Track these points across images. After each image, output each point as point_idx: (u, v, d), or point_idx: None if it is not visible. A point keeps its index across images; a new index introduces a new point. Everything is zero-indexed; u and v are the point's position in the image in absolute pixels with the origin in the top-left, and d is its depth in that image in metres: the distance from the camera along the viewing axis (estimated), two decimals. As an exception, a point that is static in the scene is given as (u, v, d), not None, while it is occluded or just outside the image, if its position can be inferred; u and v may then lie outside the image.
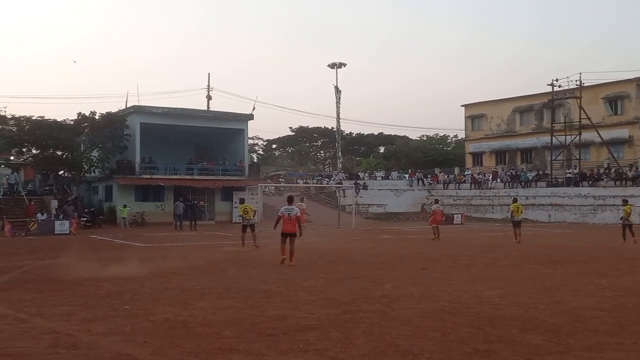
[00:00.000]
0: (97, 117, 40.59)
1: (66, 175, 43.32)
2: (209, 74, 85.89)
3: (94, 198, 43.73)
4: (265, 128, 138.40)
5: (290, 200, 15.91)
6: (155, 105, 42.57)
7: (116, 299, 10.19)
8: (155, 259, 17.31)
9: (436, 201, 28.91)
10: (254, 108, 46.60)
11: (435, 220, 25.58)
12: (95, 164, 40.40)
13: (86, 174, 41.23)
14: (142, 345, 7.02)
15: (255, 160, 77.16)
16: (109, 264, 16.17)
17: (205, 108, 54.22)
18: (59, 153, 40.48)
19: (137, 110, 41.26)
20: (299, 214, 15.33)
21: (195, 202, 38.20)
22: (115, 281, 12.45)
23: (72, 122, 40.68)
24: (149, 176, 40.80)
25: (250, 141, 66.59)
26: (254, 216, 21.54)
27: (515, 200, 25.40)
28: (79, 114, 40.58)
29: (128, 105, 42.83)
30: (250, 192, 40.82)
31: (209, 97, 58.56)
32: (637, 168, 44.70)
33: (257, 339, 7.30)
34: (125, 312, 9.03)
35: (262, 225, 36.14)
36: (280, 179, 59.47)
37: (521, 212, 24.54)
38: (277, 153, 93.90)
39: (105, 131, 40.39)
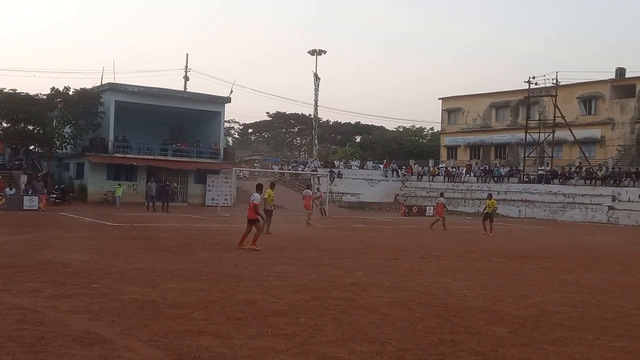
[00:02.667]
0: (71, 92, 39.94)
1: (37, 150, 42.60)
2: (187, 54, 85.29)
3: (64, 175, 43.08)
4: (242, 112, 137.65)
5: (257, 187, 16.66)
6: (132, 83, 41.97)
7: (85, 278, 10.09)
8: (126, 239, 17.16)
9: (441, 194, 30.13)
10: (231, 91, 46.37)
11: (438, 213, 27.65)
12: (67, 140, 39.76)
13: (57, 150, 40.58)
14: (109, 324, 6.97)
15: (231, 144, 76.74)
16: (78, 242, 16.00)
17: (182, 89, 53.67)
18: (30, 127, 39.77)
19: (113, 87, 40.66)
20: (255, 202, 15.53)
21: (168, 183, 37.87)
22: (84, 259, 12.33)
23: (45, 97, 39.97)
24: (122, 155, 40.32)
25: (226, 124, 66.26)
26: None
27: (490, 197, 25.89)
28: (53, 88, 39.91)
29: (103, 83, 42.19)
30: (225, 176, 40.62)
31: (186, 78, 58.04)
32: (607, 168, 45.52)
33: (226, 322, 7.30)
34: (94, 291, 8.95)
35: (235, 209, 36.10)
36: (255, 164, 59.26)
37: (493, 208, 25.08)
38: (253, 138, 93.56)
39: (78, 107, 39.72)
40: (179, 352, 5.95)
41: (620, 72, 53.81)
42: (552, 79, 50.24)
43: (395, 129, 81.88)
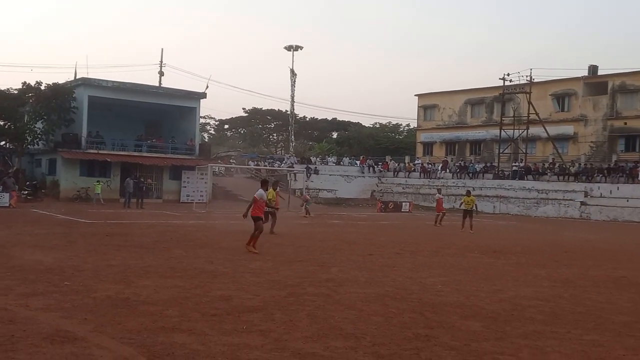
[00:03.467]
0: (43, 87, 39.28)
1: (8, 146, 41.81)
2: (162, 49, 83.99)
3: (36, 171, 42.41)
4: (218, 108, 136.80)
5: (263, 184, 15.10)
6: (105, 78, 41.43)
7: (56, 275, 9.94)
8: (99, 236, 16.95)
9: (439, 191, 31.23)
10: (207, 87, 46.06)
11: (439, 208, 28.29)
12: (39, 135, 39.11)
13: (29, 146, 39.90)
14: (82, 322, 6.88)
15: (207, 140, 76.24)
16: (50, 239, 15.77)
17: (157, 84, 53.14)
18: (1, 123, 39.02)
19: (86, 82, 40.09)
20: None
21: (143, 179, 37.49)
22: (56, 257, 12.15)
23: (16, 92, 39.24)
24: (95, 151, 39.79)
25: (202, 120, 65.78)
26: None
27: (468, 193, 25.83)
28: (24, 83, 39.19)
29: (76, 77, 41.57)
30: (200, 172, 40.36)
31: (161, 73, 57.39)
32: (580, 164, 46.22)
33: (200, 318, 7.25)
34: (66, 288, 8.82)
35: (210, 206, 35.93)
36: (231, 160, 58.97)
37: (472, 205, 24.86)
38: (229, 133, 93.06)
39: (51, 102, 39.07)
40: (153, 349, 5.89)
41: (593, 69, 54.64)
42: (526, 76, 50.87)
43: (371, 126, 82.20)
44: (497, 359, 5.98)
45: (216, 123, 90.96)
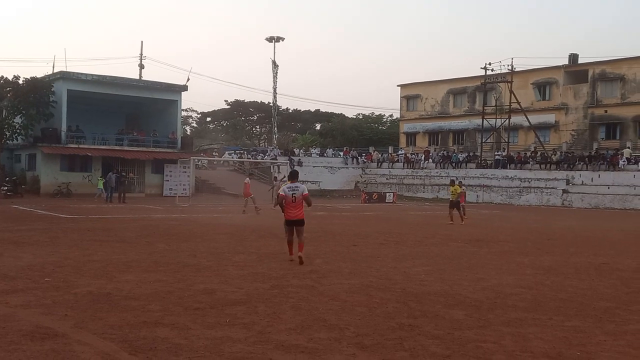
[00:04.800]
0: (20, 81, 38.71)
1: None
2: (142, 41, 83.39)
3: (16, 166, 41.88)
4: (200, 100, 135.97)
5: (293, 176, 11.70)
6: (84, 72, 40.95)
7: (37, 271, 9.82)
8: (81, 231, 16.79)
9: (460, 183, 29.68)
10: (188, 79, 45.72)
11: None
12: (17, 131, 38.56)
13: (8, 141, 39.34)
14: (62, 318, 6.80)
15: (189, 133, 75.80)
16: (30, 235, 15.59)
17: (138, 77, 52.65)
18: (-21, 118, 38.47)
19: (65, 76, 39.61)
20: (305, 193, 11.32)
21: (124, 174, 37.18)
22: (36, 253, 12.01)
23: (-7, 86, 38.67)
24: (75, 145, 39.39)
25: (183, 113, 65.36)
26: None
27: (452, 183, 24.87)
28: (1, 77, 38.62)
29: (55, 71, 41.04)
30: (183, 166, 40.12)
31: (141, 66, 56.91)
32: (561, 152, 46.61)
33: (183, 312, 7.20)
34: (46, 285, 8.72)
35: (193, 199, 35.75)
36: (214, 153, 58.68)
37: (457, 195, 23.93)
38: (211, 126, 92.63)
39: (29, 97, 38.49)
40: (135, 344, 5.84)
41: (573, 58, 55.03)
42: (508, 66, 51.13)
43: (354, 117, 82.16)
44: (480, 347, 6.00)
45: (198, 116, 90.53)
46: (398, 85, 65.68)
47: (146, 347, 5.76)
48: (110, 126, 43.05)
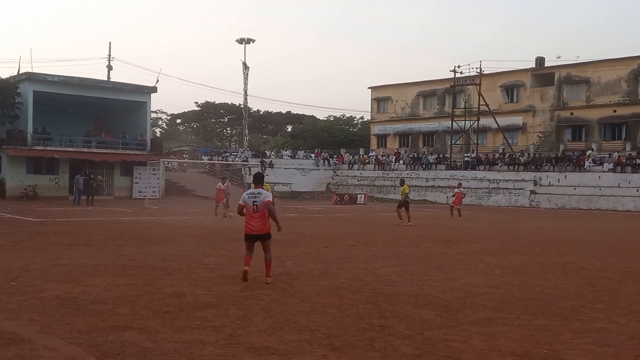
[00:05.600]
0: (-16, 82, 37.86)
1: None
2: (110, 42, 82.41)
3: (-20, 169, 40.92)
4: (170, 102, 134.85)
5: (257, 179, 9.76)
6: (51, 73, 40.23)
7: (2, 276, 9.63)
8: (47, 235, 16.49)
9: (459, 185, 30.98)
10: (157, 81, 45.20)
11: (456, 201, 27.94)
12: (-18, 133, 37.73)
13: (-28, 144, 38.47)
14: (28, 323, 6.69)
15: (158, 135, 75.04)
16: (-4, 239, 15.27)
17: (106, 78, 51.96)
18: (-59, 120, 37.48)
19: (30, 77, 38.85)
20: (268, 199, 9.42)
21: (92, 176, 36.61)
22: (0, 257, 11.76)
23: (-44, 87, 37.73)
24: (42, 148, 38.61)
25: (153, 115, 64.70)
26: None
27: (402, 182, 24.78)
28: (-35, 78, 37.72)
29: (20, 72, 40.24)
30: (152, 168, 39.70)
31: (109, 67, 56.13)
32: (529, 154, 47.35)
33: (152, 316, 7.13)
34: (12, 289, 8.55)
35: (163, 202, 35.39)
36: (184, 155, 58.19)
37: (405, 195, 23.69)
38: (181, 128, 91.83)
39: (-6, 98, 37.72)
40: (102, 348, 5.77)
41: (540, 61, 55.93)
42: (477, 69, 51.73)
43: (326, 118, 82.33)
44: (450, 347, 6.07)
45: (168, 118, 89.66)
46: (369, 88, 66.00)
47: (114, 351, 5.69)
48: (77, 128, 42.29)
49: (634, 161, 41.37)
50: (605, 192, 40.02)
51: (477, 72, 51.51)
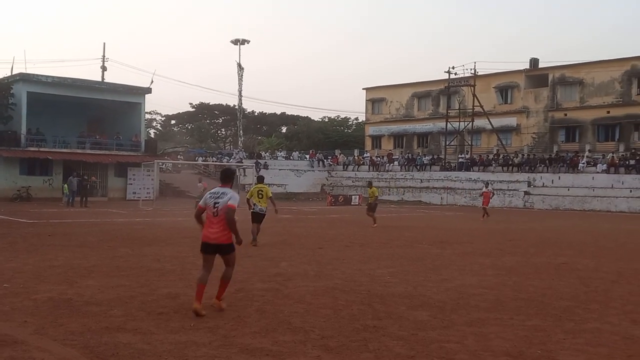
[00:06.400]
0: (-22, 83, 37.74)
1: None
2: (104, 43, 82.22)
3: (-26, 171, 40.75)
4: (164, 103, 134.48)
5: (224, 177, 8.03)
6: (45, 74, 40.12)
7: (-5, 277, 9.59)
8: (41, 236, 16.44)
9: (486, 185, 31.55)
10: (152, 81, 45.22)
11: (485, 202, 28.59)
12: (-25, 134, 37.57)
13: (-35, 145, 38.30)
14: (22, 324, 6.67)
15: (153, 136, 74.88)
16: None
17: (100, 79, 51.83)
18: None
19: (24, 78, 38.75)
20: (231, 204, 7.47)
21: (86, 177, 36.52)
22: (-6, 258, 11.72)
23: (-51, 88, 37.60)
24: (35, 149, 38.53)
25: (147, 116, 64.57)
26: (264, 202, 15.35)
27: (370, 185, 24.32)
28: (-42, 79, 37.61)
29: (14, 73, 40.12)
30: (147, 169, 39.65)
31: (103, 68, 56.07)
32: (523, 155, 47.49)
33: (146, 317, 7.12)
34: (5, 291, 8.52)
35: (158, 203, 35.33)
36: (179, 156, 58.12)
37: (374, 197, 23.30)
38: (176, 129, 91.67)
39: (-13, 99, 37.60)
40: (96, 350, 5.75)
41: (534, 62, 56.14)
42: (471, 70, 51.88)
43: (320, 120, 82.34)
44: (444, 347, 6.08)
45: (162, 119, 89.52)
46: (363, 89, 66.12)
47: (108, 352, 5.68)
48: (71, 129, 42.21)
49: (627, 162, 41.54)
50: (599, 193, 40.18)
51: (471, 73, 51.66)
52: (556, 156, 45.62)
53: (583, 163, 42.83)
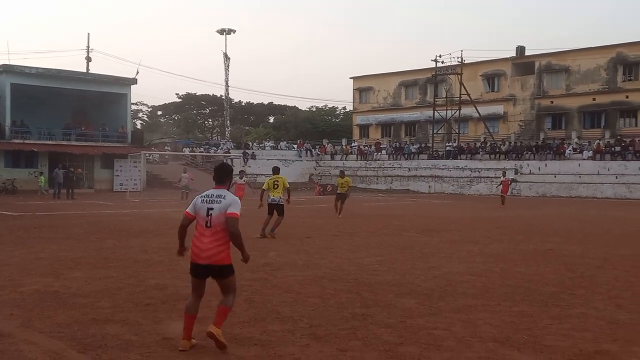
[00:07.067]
0: (-39, 75, 37.30)
1: None
2: (88, 34, 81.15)
3: (-42, 164, 40.34)
4: (151, 94, 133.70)
5: (221, 175, 5.93)
6: (29, 65, 39.71)
7: (-20, 271, 9.51)
8: (27, 228, 16.31)
9: (504, 173, 32.71)
10: (137, 72, 44.90)
11: (504, 190, 29.77)
12: (-41, 126, 37.19)
13: (-52, 138, 37.92)
14: (8, 317, 6.62)
15: (139, 127, 74.41)
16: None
17: (85, 70, 51.36)
18: None
19: (8, 69, 38.34)
20: (232, 212, 5.58)
21: (72, 169, 36.26)
22: (-20, 251, 11.62)
23: None
24: (20, 141, 38.18)
25: (133, 107, 64.14)
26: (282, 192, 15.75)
27: (342, 174, 23.49)
28: (-60, 71, 37.12)
29: (-3, 64, 39.69)
30: (133, 160, 39.44)
31: (88, 59, 55.51)
32: (510, 143, 47.71)
33: (134, 308, 7.09)
34: (-9, 284, 8.45)
35: (145, 194, 35.15)
36: (165, 147, 57.82)
37: (347, 187, 22.75)
38: (162, 120, 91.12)
39: (-30, 91, 37.20)
40: (84, 342, 5.72)
41: (520, 50, 56.23)
42: (458, 58, 51.94)
43: (308, 109, 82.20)
44: (432, 334, 6.11)
45: (149, 109, 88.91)
46: (350, 78, 65.98)
47: (95, 344, 5.66)
48: (56, 121, 41.82)
49: (612, 149, 41.86)
50: (585, 179, 40.50)
51: (458, 62, 51.71)
52: (543, 143, 45.88)
53: (569, 150, 43.10)
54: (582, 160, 41.85)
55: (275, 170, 16.15)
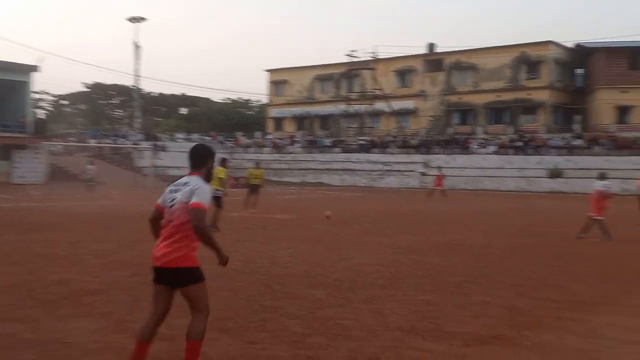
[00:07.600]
0: None
1: None
2: (-12, 17, 76.49)
3: None
4: (59, 83, 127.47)
5: (195, 159, 4.92)
6: None
7: None
8: None
9: (439, 168, 34.51)
10: (42, 60, 42.68)
11: (439, 183, 31.72)
12: None
13: None
14: None
15: (43, 117, 70.82)
16: None
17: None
18: None
19: None
20: (196, 202, 4.40)
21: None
22: None
23: None
24: None
25: (36, 95, 61.00)
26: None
27: (257, 165, 22.88)
28: None
29: None
30: (35, 151, 37.51)
31: (-13, 44, 52.21)
32: (420, 137, 49.13)
33: (35, 305, 6.79)
34: None
35: (49, 187, 33.55)
36: (70, 138, 55.41)
37: (261, 179, 22.14)
38: (68, 110, 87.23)
39: None
40: (-24, 342, 5.40)
41: (431, 47, 57.92)
42: (371, 53, 52.84)
43: (222, 101, 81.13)
44: (340, 324, 6.19)
45: (54, 99, 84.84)
46: (266, 70, 65.73)
47: (-11, 344, 5.35)
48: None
49: (515, 144, 43.96)
50: (489, 173, 42.34)
51: (371, 57, 52.61)
52: (451, 138, 47.52)
53: (475, 145, 44.87)
54: (487, 154, 43.70)
55: (221, 162, 15.44)
